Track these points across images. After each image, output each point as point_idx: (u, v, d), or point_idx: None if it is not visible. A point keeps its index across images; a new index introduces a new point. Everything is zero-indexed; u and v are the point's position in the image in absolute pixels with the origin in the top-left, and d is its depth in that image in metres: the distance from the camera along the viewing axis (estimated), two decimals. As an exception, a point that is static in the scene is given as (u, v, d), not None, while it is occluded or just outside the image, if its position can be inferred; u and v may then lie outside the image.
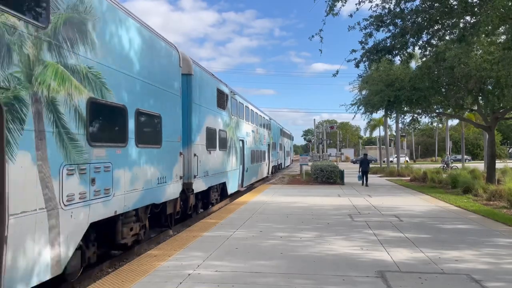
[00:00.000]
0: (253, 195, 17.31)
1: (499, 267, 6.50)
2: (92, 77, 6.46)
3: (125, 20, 7.64)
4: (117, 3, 7.34)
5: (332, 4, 11.52)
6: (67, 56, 5.83)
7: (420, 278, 5.93)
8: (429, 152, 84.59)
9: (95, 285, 5.92)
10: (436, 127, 65.28)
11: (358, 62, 12.58)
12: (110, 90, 6.99)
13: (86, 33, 6.33)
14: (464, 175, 20.35)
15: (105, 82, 6.82)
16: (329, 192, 18.43)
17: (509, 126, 76.03)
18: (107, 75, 6.90)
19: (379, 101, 18.96)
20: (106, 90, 6.85)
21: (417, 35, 11.98)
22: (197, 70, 12.43)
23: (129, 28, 7.81)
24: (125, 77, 7.57)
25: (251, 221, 10.79)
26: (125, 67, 7.59)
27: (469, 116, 28.96)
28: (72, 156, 5.86)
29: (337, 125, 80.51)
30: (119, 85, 7.34)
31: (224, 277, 6.00)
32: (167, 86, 9.63)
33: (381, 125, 45.75)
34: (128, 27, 7.77)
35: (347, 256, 7.18)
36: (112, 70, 7.08)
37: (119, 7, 7.43)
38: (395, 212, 12.32)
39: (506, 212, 12.47)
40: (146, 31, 8.56)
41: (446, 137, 44.48)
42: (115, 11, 7.31)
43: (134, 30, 8.02)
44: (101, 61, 6.72)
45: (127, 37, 7.70)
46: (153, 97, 8.80)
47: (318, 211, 12.59)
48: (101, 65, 6.71)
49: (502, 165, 25.19)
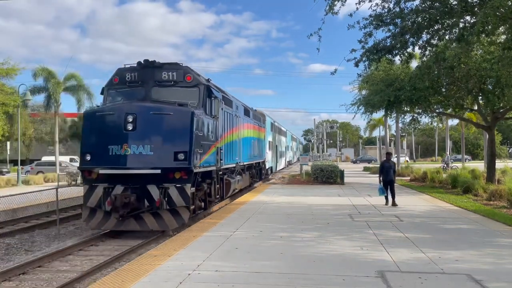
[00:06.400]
0: (253, 195, 17.31)
1: (499, 267, 6.49)
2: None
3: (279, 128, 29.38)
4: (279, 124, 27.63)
5: (331, 3, 11.52)
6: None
7: (420, 278, 5.92)
8: (429, 152, 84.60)
9: (95, 284, 5.91)
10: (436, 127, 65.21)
11: (358, 62, 12.56)
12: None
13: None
14: (464, 175, 20.34)
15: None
16: (329, 192, 18.42)
17: (509, 126, 75.99)
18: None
19: (379, 101, 18.93)
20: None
21: (417, 34, 11.98)
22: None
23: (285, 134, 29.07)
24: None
25: (251, 221, 10.78)
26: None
27: (469, 116, 28.93)
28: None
29: (337, 125, 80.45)
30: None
31: (224, 277, 6.00)
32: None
33: (381, 125, 45.74)
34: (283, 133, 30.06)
35: (347, 256, 7.17)
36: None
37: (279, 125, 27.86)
38: (395, 212, 12.31)
39: (506, 212, 12.46)
40: (279, 127, 29.89)
41: (446, 137, 44.47)
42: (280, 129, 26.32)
43: (288, 136, 31.55)
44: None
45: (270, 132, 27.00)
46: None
47: (318, 211, 12.58)
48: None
49: (502, 165, 25.15)
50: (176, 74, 11.64)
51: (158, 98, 11.38)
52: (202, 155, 11.52)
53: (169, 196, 10.51)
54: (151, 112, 10.69)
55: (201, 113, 11.52)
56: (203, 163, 11.67)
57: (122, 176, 10.45)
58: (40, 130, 60.93)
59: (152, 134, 10.51)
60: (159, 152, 10.43)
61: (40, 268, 8.41)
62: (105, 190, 10.56)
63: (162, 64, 11.73)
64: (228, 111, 15.08)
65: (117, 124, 10.53)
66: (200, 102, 11.68)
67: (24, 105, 34.43)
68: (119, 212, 10.30)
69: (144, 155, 10.36)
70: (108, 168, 10.47)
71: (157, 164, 10.35)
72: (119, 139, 10.39)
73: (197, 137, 10.98)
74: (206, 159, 11.94)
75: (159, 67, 11.64)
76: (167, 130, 10.68)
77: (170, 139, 10.65)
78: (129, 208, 10.34)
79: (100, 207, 10.63)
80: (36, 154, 57.41)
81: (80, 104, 35.74)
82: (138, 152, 10.32)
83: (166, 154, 10.46)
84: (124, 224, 10.61)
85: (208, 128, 12.13)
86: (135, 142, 10.36)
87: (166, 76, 11.58)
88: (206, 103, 12.06)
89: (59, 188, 13.35)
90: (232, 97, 16.68)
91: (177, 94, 11.52)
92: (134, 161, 10.32)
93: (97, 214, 10.75)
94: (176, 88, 11.62)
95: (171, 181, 10.53)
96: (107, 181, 10.60)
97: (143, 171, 10.33)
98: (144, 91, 11.45)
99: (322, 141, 44.82)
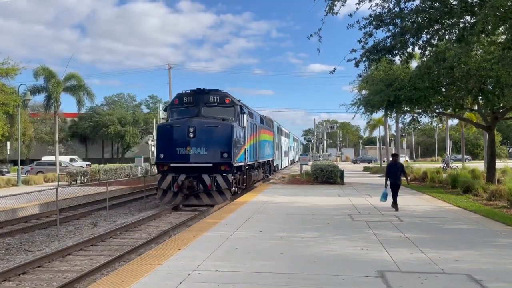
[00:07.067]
0: (253, 195, 17.31)
1: (499, 267, 6.49)
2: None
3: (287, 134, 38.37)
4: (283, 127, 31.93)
5: (331, 3, 11.52)
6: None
7: (420, 278, 5.92)
8: (429, 152, 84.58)
9: (95, 284, 5.91)
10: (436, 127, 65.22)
11: (358, 62, 12.56)
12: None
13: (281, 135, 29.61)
14: (464, 175, 20.33)
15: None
16: (329, 192, 18.42)
17: (509, 126, 76.07)
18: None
19: (379, 101, 18.92)
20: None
21: (417, 34, 11.98)
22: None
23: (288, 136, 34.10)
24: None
25: (251, 221, 10.78)
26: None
27: (469, 116, 28.93)
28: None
29: (337, 125, 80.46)
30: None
31: (224, 277, 6.00)
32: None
33: (381, 124, 45.70)
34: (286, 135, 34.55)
35: (347, 256, 7.18)
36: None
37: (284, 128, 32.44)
38: (395, 212, 12.30)
39: (506, 212, 12.46)
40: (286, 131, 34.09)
41: (446, 137, 44.46)
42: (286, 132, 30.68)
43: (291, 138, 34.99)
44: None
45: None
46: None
47: (318, 211, 12.58)
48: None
49: (502, 165, 25.17)
50: (219, 97, 16.48)
51: (206, 114, 16.20)
52: (237, 154, 16.32)
53: (217, 181, 15.53)
54: (205, 125, 15.63)
55: (236, 125, 16.41)
56: (238, 160, 16.49)
57: (185, 168, 15.46)
58: (40, 130, 60.93)
59: (206, 140, 15.43)
60: (210, 152, 15.40)
61: (40, 268, 8.42)
62: (172, 178, 15.58)
63: (209, 90, 16.55)
64: (251, 122, 19.44)
65: (182, 133, 15.47)
66: (235, 117, 16.61)
67: (24, 105, 34.40)
68: (183, 192, 15.40)
69: (201, 154, 15.37)
70: (177, 163, 15.49)
71: (209, 160, 15.38)
72: (184, 143, 15.39)
73: (235, 142, 15.92)
74: (239, 157, 16.75)
75: (207, 93, 16.42)
76: (215, 137, 15.61)
77: (217, 143, 15.54)
78: (191, 190, 15.42)
79: (170, 189, 15.66)
80: (36, 154, 57.41)
81: (80, 104, 35.74)
82: (197, 152, 15.33)
83: (215, 153, 15.45)
84: (187, 200, 15.66)
85: (240, 135, 16.99)
86: (195, 145, 15.34)
87: (212, 99, 16.41)
88: (239, 117, 16.97)
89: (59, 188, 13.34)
90: (252, 110, 21.60)
91: (219, 112, 16.36)
92: (194, 158, 15.34)
93: (168, 194, 15.80)
94: (219, 108, 16.43)
95: (218, 171, 15.52)
96: (174, 171, 15.62)
97: (201, 165, 15.38)
98: (197, 110, 16.28)
99: (322, 141, 44.83)
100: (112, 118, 68.74)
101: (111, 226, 12.94)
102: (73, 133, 72.00)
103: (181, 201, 15.67)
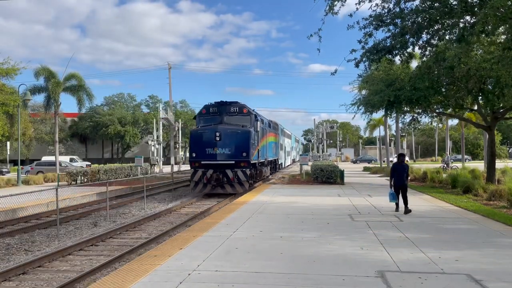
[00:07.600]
0: (253, 195, 17.31)
1: (499, 267, 6.49)
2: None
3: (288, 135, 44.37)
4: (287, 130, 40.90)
5: (331, 3, 11.52)
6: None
7: (420, 278, 5.92)
8: (429, 152, 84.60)
9: (95, 284, 5.92)
10: (436, 127, 65.25)
11: (358, 62, 12.56)
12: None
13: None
14: (464, 175, 20.34)
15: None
16: (329, 192, 18.42)
17: (509, 126, 76.10)
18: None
19: (379, 101, 18.93)
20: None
21: (417, 35, 11.97)
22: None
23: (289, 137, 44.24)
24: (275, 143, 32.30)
25: (251, 221, 10.78)
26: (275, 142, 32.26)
27: (469, 116, 28.93)
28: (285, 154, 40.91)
29: (337, 125, 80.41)
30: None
31: (224, 277, 6.00)
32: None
33: (381, 125, 45.74)
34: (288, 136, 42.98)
35: (347, 256, 7.17)
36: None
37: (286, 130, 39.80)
38: (395, 212, 12.29)
39: (506, 212, 12.45)
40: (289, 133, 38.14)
41: (446, 137, 44.47)
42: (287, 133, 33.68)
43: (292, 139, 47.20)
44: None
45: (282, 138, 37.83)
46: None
47: (318, 211, 12.58)
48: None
49: (502, 165, 25.18)
50: (238, 108, 20.64)
51: (228, 122, 20.18)
52: (253, 153, 20.29)
53: (237, 175, 19.41)
54: (228, 131, 19.56)
55: (252, 130, 20.34)
56: (253, 158, 20.51)
57: (213, 164, 19.39)
58: (40, 130, 60.96)
59: (229, 142, 19.40)
60: (233, 151, 19.37)
61: (40, 268, 8.42)
62: (202, 172, 19.53)
63: (230, 102, 20.85)
64: (262, 126, 22.99)
65: (210, 137, 19.41)
66: (251, 124, 20.54)
67: (24, 105, 34.40)
68: (211, 183, 19.46)
69: (225, 153, 19.33)
70: (207, 160, 19.43)
71: (232, 158, 19.34)
72: (212, 144, 19.32)
73: (251, 144, 19.86)
74: (254, 156, 20.79)
75: (229, 104, 20.68)
76: (236, 140, 19.53)
77: (238, 145, 19.45)
78: (217, 182, 19.39)
79: (200, 181, 19.63)
80: (36, 154, 57.45)
81: (80, 104, 35.74)
82: (222, 152, 19.28)
83: (237, 153, 19.39)
84: (214, 190, 19.60)
85: (255, 139, 20.92)
86: (220, 146, 19.29)
87: (232, 109, 20.57)
88: (254, 124, 20.87)
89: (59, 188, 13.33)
90: (262, 117, 25.55)
91: (239, 120, 20.37)
92: (220, 156, 19.29)
93: (199, 185, 19.78)
94: (238, 116, 20.50)
95: (239, 167, 19.41)
96: (203, 167, 19.53)
97: (225, 162, 19.33)
98: (221, 118, 20.29)
99: (322, 141, 44.80)
100: (112, 118, 68.77)
101: (111, 226, 12.95)
102: (73, 133, 72.05)
103: (209, 190, 19.67)
